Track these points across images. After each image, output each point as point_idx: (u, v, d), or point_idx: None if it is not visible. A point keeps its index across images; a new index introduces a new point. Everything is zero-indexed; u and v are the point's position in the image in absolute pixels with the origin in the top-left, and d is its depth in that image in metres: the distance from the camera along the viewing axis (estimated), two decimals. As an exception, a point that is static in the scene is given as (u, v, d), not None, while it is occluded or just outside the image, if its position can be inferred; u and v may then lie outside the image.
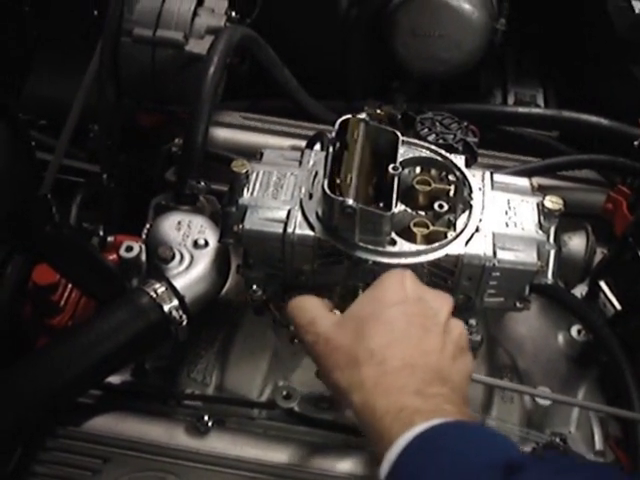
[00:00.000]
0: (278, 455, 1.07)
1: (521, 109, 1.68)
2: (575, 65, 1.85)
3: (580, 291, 1.31)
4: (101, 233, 1.44)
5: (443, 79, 1.76)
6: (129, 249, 1.22)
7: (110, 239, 1.38)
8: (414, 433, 0.77)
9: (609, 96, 1.70)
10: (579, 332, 1.26)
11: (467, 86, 1.81)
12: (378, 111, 1.26)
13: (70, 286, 1.34)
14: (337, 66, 1.76)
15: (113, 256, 1.27)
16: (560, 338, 1.28)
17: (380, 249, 1.03)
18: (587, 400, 1.24)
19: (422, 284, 0.97)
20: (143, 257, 1.22)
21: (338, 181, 1.02)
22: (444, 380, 0.86)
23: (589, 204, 1.42)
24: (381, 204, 1.03)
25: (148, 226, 1.25)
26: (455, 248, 1.04)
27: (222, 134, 1.48)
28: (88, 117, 1.54)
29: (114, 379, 1.16)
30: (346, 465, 1.07)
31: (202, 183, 1.30)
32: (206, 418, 1.10)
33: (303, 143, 1.35)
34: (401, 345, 0.87)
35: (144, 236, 1.24)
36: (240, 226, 1.07)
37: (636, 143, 1.41)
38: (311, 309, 0.97)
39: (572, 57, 1.86)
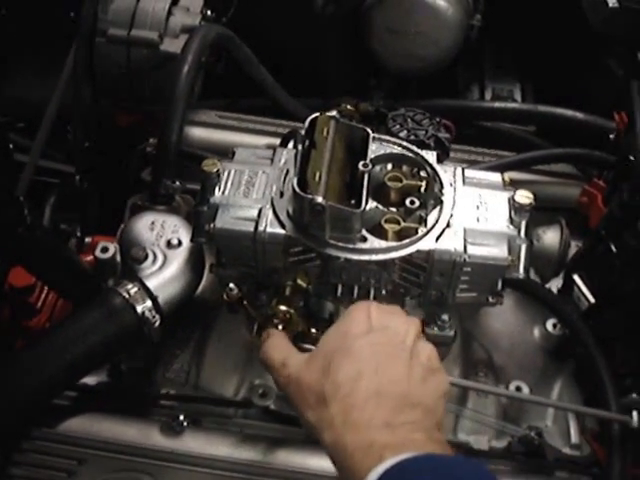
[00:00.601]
0: (253, 453, 1.07)
1: (497, 104, 1.69)
2: (551, 60, 1.85)
3: (555, 285, 1.31)
4: (78, 234, 1.44)
5: (420, 76, 1.76)
6: (104, 250, 1.22)
7: (87, 240, 1.38)
8: (383, 468, 0.77)
9: (585, 90, 1.70)
10: (554, 326, 1.27)
11: (445, 82, 1.81)
12: (349, 107, 1.26)
13: (46, 288, 1.34)
14: (314, 63, 1.76)
15: (90, 257, 1.27)
16: (536, 332, 1.28)
17: (351, 246, 1.03)
18: (563, 393, 1.25)
19: (388, 311, 0.96)
20: (119, 258, 1.22)
21: (308, 179, 1.02)
22: (413, 405, 0.85)
23: (564, 198, 1.43)
24: (352, 201, 1.03)
25: (122, 226, 1.25)
26: (426, 244, 1.05)
27: (197, 133, 1.48)
28: (66, 118, 1.54)
29: (90, 380, 1.16)
30: (321, 462, 1.07)
31: (177, 182, 1.30)
32: (181, 418, 1.10)
33: (279, 141, 1.36)
34: (367, 376, 0.86)
35: (118, 236, 1.24)
36: (212, 225, 1.07)
37: (611, 136, 1.41)
38: (282, 350, 0.97)
39: (548, 52, 1.86)
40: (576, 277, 1.23)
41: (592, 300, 1.22)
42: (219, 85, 1.64)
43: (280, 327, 1.03)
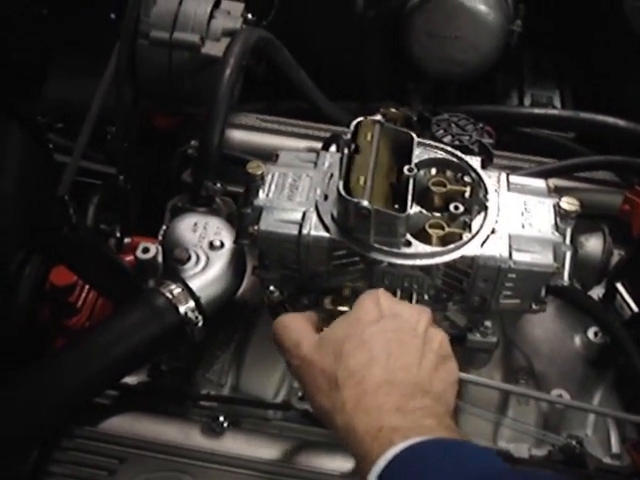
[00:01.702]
0: (293, 456, 1.07)
1: (537, 110, 1.68)
2: (592, 66, 1.84)
3: (597, 293, 1.30)
4: (118, 234, 1.45)
5: (459, 80, 1.76)
6: (146, 250, 1.22)
7: (127, 240, 1.39)
8: (393, 453, 0.77)
9: (626, 96, 1.69)
10: (596, 334, 1.25)
11: (483, 87, 1.81)
12: (393, 110, 1.26)
13: (87, 287, 1.35)
14: (353, 67, 1.75)
15: (130, 257, 1.28)
16: (577, 340, 1.27)
17: (395, 250, 1.03)
18: (603, 402, 1.23)
19: (397, 300, 0.98)
20: (160, 258, 1.22)
21: (353, 183, 1.02)
22: (425, 392, 0.86)
23: (606, 205, 1.41)
24: (396, 205, 1.03)
25: (164, 228, 1.26)
26: (471, 249, 1.04)
27: (238, 136, 1.49)
28: (105, 119, 1.55)
29: (130, 379, 1.17)
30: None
31: (218, 185, 1.31)
32: (221, 419, 1.10)
33: (319, 145, 1.36)
34: (379, 363, 0.87)
35: (160, 237, 1.25)
36: (256, 227, 1.07)
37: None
38: (296, 330, 0.97)
39: (589, 58, 1.85)
40: (619, 285, 1.22)
41: (635, 309, 1.21)
42: (257, 88, 1.65)
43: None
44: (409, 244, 1.03)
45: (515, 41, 1.74)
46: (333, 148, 1.27)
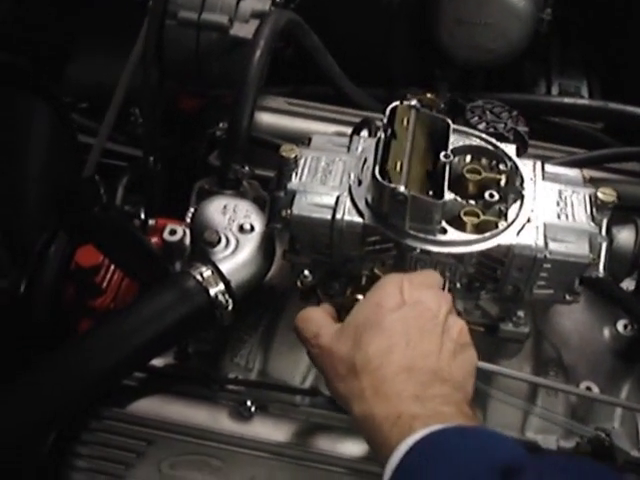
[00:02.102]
0: (321, 442, 1.07)
1: (567, 100, 1.66)
2: (620, 56, 1.82)
3: (627, 285, 1.28)
4: (142, 216, 1.44)
5: (487, 68, 1.74)
6: (173, 232, 1.21)
7: (151, 222, 1.39)
8: (413, 440, 0.78)
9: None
10: (625, 327, 1.24)
11: (511, 76, 1.79)
12: (429, 96, 1.24)
13: (112, 268, 1.35)
14: (380, 53, 1.74)
15: (154, 239, 1.27)
16: (606, 332, 1.26)
17: (430, 237, 1.02)
18: (632, 395, 1.22)
19: (420, 285, 0.97)
20: (186, 241, 1.22)
21: (389, 168, 1.01)
22: (443, 380, 0.86)
23: (636, 197, 1.40)
24: (431, 192, 1.02)
25: (192, 210, 1.25)
26: (507, 238, 1.03)
27: (266, 119, 1.47)
28: (129, 100, 1.55)
29: (158, 362, 1.16)
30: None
31: (246, 168, 1.30)
32: (249, 403, 1.10)
33: (347, 129, 1.34)
34: (398, 350, 0.87)
35: (189, 220, 1.24)
36: (288, 211, 1.06)
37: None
38: (316, 321, 0.97)
39: (617, 48, 1.83)
40: (651, 276, 1.21)
41: (668, 301, 1.20)
42: (284, 71, 1.64)
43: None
44: (445, 231, 1.02)
45: (545, 29, 1.72)
46: (364, 133, 1.26)
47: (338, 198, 1.06)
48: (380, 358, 0.86)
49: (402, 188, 0.97)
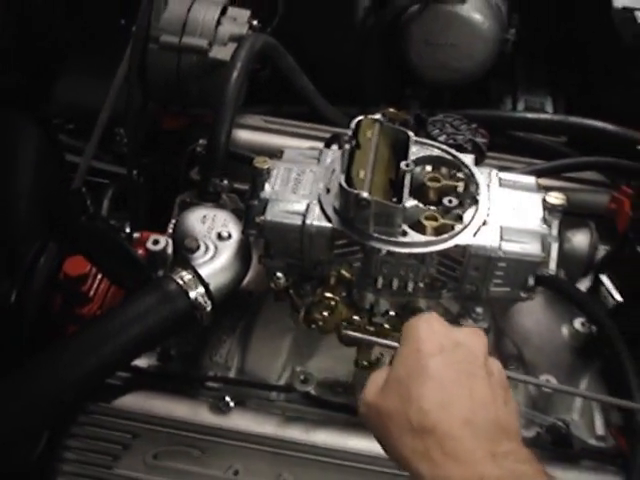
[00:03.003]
0: (297, 432, 1.14)
1: (530, 115, 1.75)
2: (583, 74, 1.91)
3: (584, 286, 1.36)
4: (127, 230, 1.51)
5: (455, 86, 1.83)
6: (156, 242, 1.28)
7: (136, 235, 1.46)
8: None
9: (615, 103, 1.76)
10: (582, 324, 1.31)
11: (478, 94, 1.88)
12: (392, 110, 1.33)
13: (99, 277, 1.42)
14: (353, 73, 1.83)
15: (139, 251, 1.35)
16: (564, 330, 1.33)
17: (393, 239, 1.10)
18: (590, 390, 1.30)
19: (449, 325, 0.92)
20: (169, 250, 1.29)
21: (354, 176, 1.09)
22: (506, 431, 0.82)
23: (594, 204, 1.48)
24: (394, 198, 1.10)
25: (174, 221, 1.32)
26: (463, 239, 1.11)
27: (244, 135, 1.55)
28: (114, 120, 1.62)
29: (141, 363, 1.23)
30: (360, 442, 1.13)
31: (225, 181, 1.38)
32: (228, 399, 1.17)
33: (321, 144, 1.42)
34: (455, 401, 0.82)
35: (171, 229, 1.31)
36: (262, 218, 1.14)
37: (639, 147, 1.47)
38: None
39: (580, 66, 1.92)
40: (604, 277, 1.29)
41: (619, 299, 1.28)
42: (262, 92, 1.72)
43: (325, 313, 1.10)
44: (405, 234, 1.10)
45: (509, 49, 1.82)
46: (335, 147, 1.34)
47: (308, 205, 1.15)
48: (437, 412, 0.80)
49: (365, 194, 1.06)
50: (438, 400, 0.81)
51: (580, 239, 1.31)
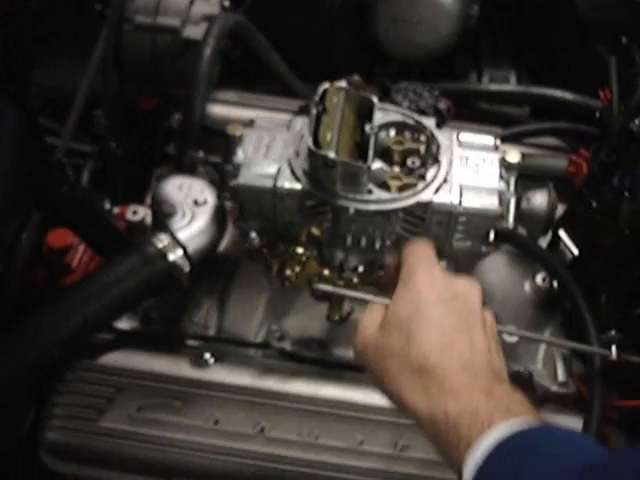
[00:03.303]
0: (272, 383, 1.21)
1: (492, 86, 1.82)
2: (546, 47, 1.98)
3: (544, 243, 1.43)
4: (107, 205, 1.57)
5: (422, 62, 1.89)
6: (135, 212, 1.35)
7: (116, 210, 1.51)
8: (497, 437, 0.76)
9: (576, 75, 1.83)
10: (543, 279, 1.38)
11: (444, 69, 1.94)
12: (356, 78, 1.38)
13: (81, 249, 1.47)
14: (323, 51, 1.88)
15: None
16: (526, 286, 1.40)
17: (359, 197, 1.16)
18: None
19: (447, 273, 0.96)
20: (148, 220, 1.35)
21: (321, 139, 1.15)
22: (500, 378, 0.86)
23: (554, 168, 1.54)
24: (360, 160, 1.16)
25: (154, 188, 1.38)
26: (425, 196, 1.18)
27: (218, 110, 1.61)
28: (91, 103, 1.67)
29: (124, 325, 1.29)
30: (331, 390, 1.20)
31: (200, 154, 1.43)
32: (207, 355, 1.23)
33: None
34: (454, 347, 0.86)
35: (149, 200, 1.37)
36: (236, 182, 1.20)
37: (597, 114, 1.54)
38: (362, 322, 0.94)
39: (543, 40, 1.99)
40: (562, 232, 1.36)
41: (576, 252, 1.35)
42: (234, 71, 1.77)
43: (297, 268, 1.16)
44: (371, 192, 1.17)
45: (473, 25, 1.87)
46: (304, 116, 1.40)
47: (279, 168, 1.21)
48: (437, 355, 0.84)
49: (332, 154, 1.12)
50: (438, 345, 0.86)
51: (539, 198, 1.36)
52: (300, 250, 1.16)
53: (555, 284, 1.36)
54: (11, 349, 1.13)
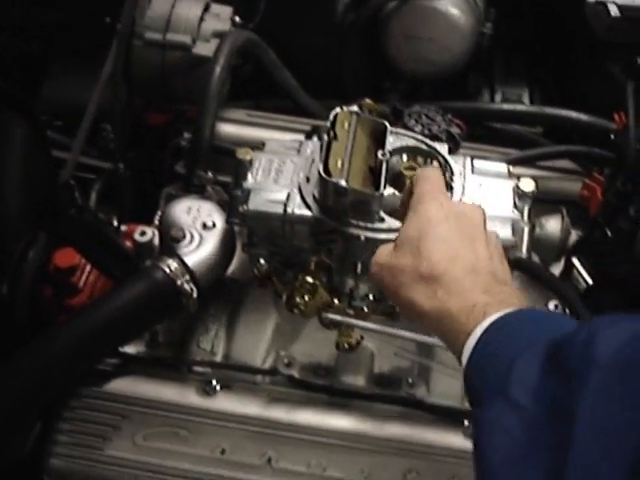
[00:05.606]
0: (280, 413, 1.19)
1: (506, 106, 1.80)
2: (559, 66, 1.96)
3: (557, 270, 1.41)
4: (115, 223, 1.55)
5: (433, 80, 1.87)
6: (143, 233, 1.33)
7: (123, 228, 1.50)
8: (489, 321, 0.83)
9: (590, 94, 1.81)
10: (556, 307, 1.36)
11: (456, 87, 1.92)
12: (368, 101, 1.37)
13: (88, 268, 1.46)
14: (334, 68, 1.87)
15: (127, 244, 1.39)
16: (539, 313, 1.38)
17: (370, 225, 1.14)
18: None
19: (453, 200, 1.08)
20: (155, 241, 1.33)
21: (332, 165, 1.14)
22: (502, 282, 0.93)
23: (567, 192, 1.52)
24: (373, 186, 1.15)
25: (160, 212, 1.37)
26: (437, 224, 1.16)
27: (228, 129, 1.59)
28: (100, 117, 1.66)
29: (130, 349, 1.28)
30: (341, 422, 1.19)
31: (209, 174, 1.42)
32: (214, 382, 1.22)
33: (302, 137, 1.47)
34: (459, 256, 0.93)
35: (157, 220, 1.36)
36: (245, 207, 1.18)
37: (612, 136, 1.52)
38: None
39: (556, 59, 1.97)
40: (575, 260, 1.34)
41: (590, 282, 1.33)
42: (244, 87, 1.76)
43: (307, 298, 1.14)
44: (383, 220, 1.15)
45: (486, 42, 1.86)
46: (315, 138, 1.38)
47: (289, 194, 1.19)
48: (445, 264, 0.92)
49: (342, 182, 1.10)
50: (446, 255, 0.93)
51: (552, 224, 1.35)
52: (310, 279, 1.14)
53: (567, 312, 1.34)
54: (18, 374, 1.12)
